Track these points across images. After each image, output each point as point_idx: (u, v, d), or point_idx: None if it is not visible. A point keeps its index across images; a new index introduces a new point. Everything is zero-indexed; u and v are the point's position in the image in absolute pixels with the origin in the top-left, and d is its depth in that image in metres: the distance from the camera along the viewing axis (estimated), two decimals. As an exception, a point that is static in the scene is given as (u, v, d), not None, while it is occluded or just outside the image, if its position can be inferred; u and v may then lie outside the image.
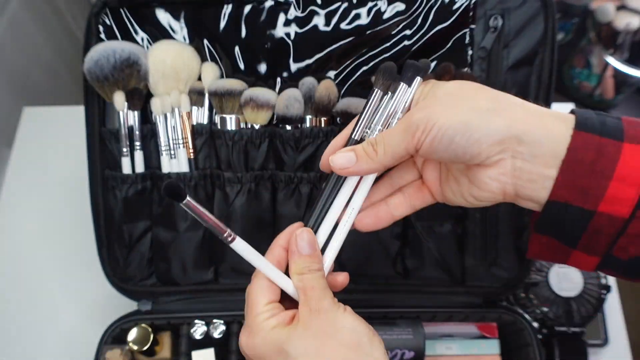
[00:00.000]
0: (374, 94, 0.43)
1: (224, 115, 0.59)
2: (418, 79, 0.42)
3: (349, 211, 0.44)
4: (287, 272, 0.44)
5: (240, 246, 0.43)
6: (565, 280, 0.72)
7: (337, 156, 0.41)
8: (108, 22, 0.59)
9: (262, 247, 0.61)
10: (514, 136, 0.37)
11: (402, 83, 0.42)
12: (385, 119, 0.42)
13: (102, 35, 0.59)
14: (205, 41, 0.60)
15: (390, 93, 0.43)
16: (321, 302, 0.41)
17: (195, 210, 0.40)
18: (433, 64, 0.59)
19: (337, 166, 0.41)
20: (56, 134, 0.92)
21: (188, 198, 0.39)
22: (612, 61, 1.35)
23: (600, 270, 0.40)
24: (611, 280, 0.75)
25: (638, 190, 0.35)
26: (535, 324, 0.71)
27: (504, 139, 0.37)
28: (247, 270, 0.64)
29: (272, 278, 0.43)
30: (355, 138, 0.43)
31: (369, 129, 0.43)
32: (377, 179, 0.45)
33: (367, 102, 0.43)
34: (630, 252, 0.37)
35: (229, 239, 0.42)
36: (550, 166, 0.37)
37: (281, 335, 0.40)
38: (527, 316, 0.64)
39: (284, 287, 0.43)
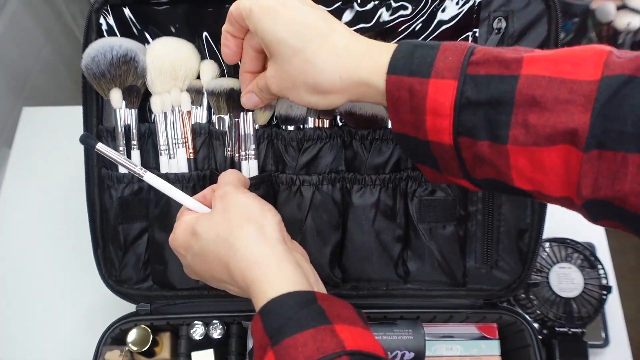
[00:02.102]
0: None
1: (223, 116, 0.59)
2: None
3: None
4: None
5: (152, 179, 0.51)
6: (566, 280, 0.72)
7: (245, 99, 0.53)
8: (108, 19, 0.58)
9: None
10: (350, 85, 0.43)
11: None
12: None
13: (103, 33, 0.58)
14: (206, 38, 0.59)
15: None
16: (225, 189, 0.49)
17: (108, 154, 0.50)
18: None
19: (248, 106, 0.53)
20: (55, 134, 0.91)
21: (99, 144, 0.50)
22: (613, 61, 1.34)
23: (485, 189, 0.44)
24: (612, 281, 0.75)
25: (450, 120, 0.39)
26: (536, 325, 0.71)
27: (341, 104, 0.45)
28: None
29: (183, 201, 0.51)
30: None
31: None
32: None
33: None
34: (478, 173, 0.40)
35: (142, 173, 0.50)
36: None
37: (193, 221, 0.48)
38: (527, 317, 0.64)
39: (194, 207, 0.51)
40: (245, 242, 0.45)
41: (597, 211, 0.37)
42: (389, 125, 0.58)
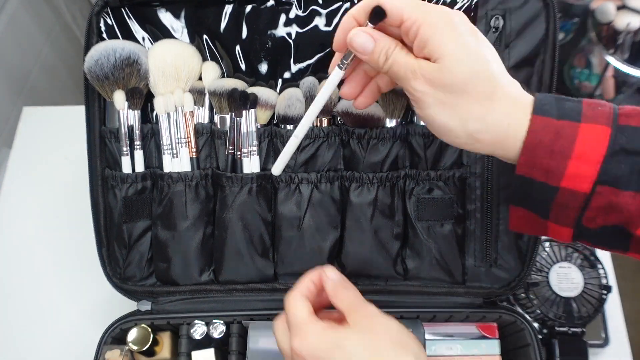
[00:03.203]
0: None
1: (224, 115, 0.59)
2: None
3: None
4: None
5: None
6: (566, 280, 0.72)
7: (361, 35, 0.41)
8: (109, 21, 0.59)
9: (261, 248, 0.61)
10: (511, 154, 0.41)
11: None
12: None
13: (104, 35, 0.59)
14: (206, 40, 0.60)
15: None
16: (368, 308, 0.46)
17: None
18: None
19: (354, 43, 0.42)
20: (56, 134, 0.91)
21: None
22: (613, 61, 1.35)
23: (578, 240, 0.42)
24: (612, 281, 0.75)
25: (597, 168, 0.38)
26: (536, 324, 0.71)
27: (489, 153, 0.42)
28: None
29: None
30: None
31: None
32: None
33: None
34: (598, 222, 0.40)
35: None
36: (513, 150, 0.40)
37: (337, 333, 0.44)
38: (527, 316, 0.64)
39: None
40: None
41: None
42: (387, 124, 0.58)
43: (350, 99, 0.47)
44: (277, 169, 0.50)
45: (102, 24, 0.59)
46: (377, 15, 0.41)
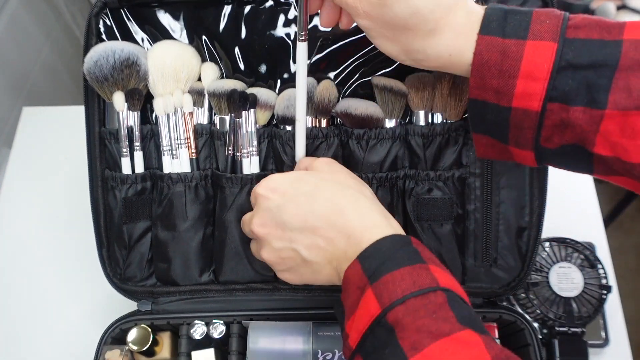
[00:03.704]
0: None
1: (223, 116, 0.59)
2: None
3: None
4: None
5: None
6: (566, 280, 0.72)
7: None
8: (108, 22, 0.59)
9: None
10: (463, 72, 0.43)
11: None
12: None
13: (103, 36, 0.59)
14: (205, 41, 0.60)
15: None
16: (327, 158, 0.56)
17: None
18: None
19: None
20: (55, 134, 0.91)
21: None
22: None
23: (543, 164, 0.43)
24: (612, 281, 0.75)
25: (544, 85, 0.38)
26: (536, 324, 0.71)
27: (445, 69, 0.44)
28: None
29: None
30: None
31: None
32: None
33: None
34: (555, 141, 0.40)
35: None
36: (465, 72, 0.41)
37: (300, 172, 0.52)
38: (527, 316, 0.64)
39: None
40: (364, 192, 0.50)
41: None
42: (386, 125, 0.58)
43: (332, 25, 0.49)
44: (298, 155, 0.57)
45: (101, 25, 0.59)
46: None
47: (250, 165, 0.59)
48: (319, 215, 0.46)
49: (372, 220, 0.46)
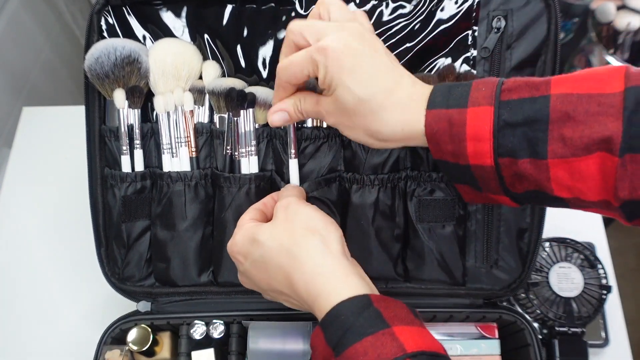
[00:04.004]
0: None
1: (223, 115, 0.59)
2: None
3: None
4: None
5: None
6: (566, 280, 0.72)
7: (272, 115, 0.51)
8: (110, 19, 0.59)
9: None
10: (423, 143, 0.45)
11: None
12: None
13: (105, 33, 0.59)
14: (207, 39, 0.60)
15: None
16: (288, 199, 0.52)
17: None
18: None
19: (277, 122, 0.51)
20: (55, 134, 0.91)
21: None
22: (613, 61, 1.35)
23: (521, 204, 0.46)
24: (612, 281, 0.75)
25: (490, 144, 0.41)
26: (536, 324, 0.71)
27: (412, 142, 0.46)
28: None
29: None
30: None
31: None
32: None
33: None
34: (519, 188, 0.43)
35: None
36: (423, 142, 0.45)
37: (256, 229, 0.50)
38: (527, 316, 0.64)
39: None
40: (310, 253, 0.47)
41: (633, 212, 0.39)
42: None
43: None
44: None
45: (102, 23, 0.58)
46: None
47: (249, 165, 0.59)
48: (278, 282, 0.48)
49: (325, 284, 0.45)
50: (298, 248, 0.47)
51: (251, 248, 0.49)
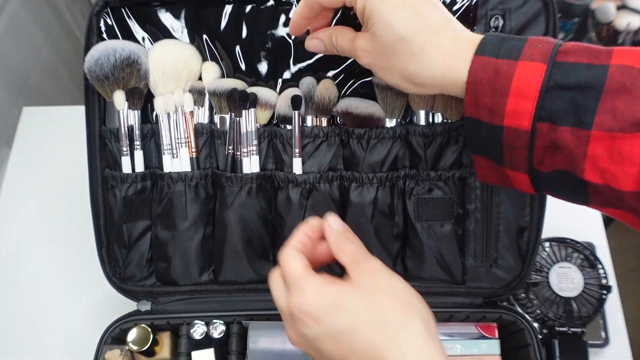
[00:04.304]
0: None
1: (224, 115, 0.59)
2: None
3: None
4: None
5: None
6: (566, 280, 0.72)
7: (312, 42, 0.51)
8: (109, 21, 0.59)
9: (261, 248, 0.61)
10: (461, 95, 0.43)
11: None
12: None
13: (104, 35, 0.59)
14: (206, 40, 0.60)
15: None
16: (372, 262, 0.44)
17: None
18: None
19: (312, 48, 0.51)
20: (55, 134, 0.91)
21: None
22: (613, 61, 1.35)
23: (539, 191, 0.43)
24: (612, 281, 0.75)
25: (533, 104, 0.39)
26: (536, 324, 0.71)
27: (447, 92, 0.44)
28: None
29: None
30: None
31: None
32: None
33: None
34: (547, 163, 0.40)
35: None
36: (461, 92, 0.43)
37: (338, 290, 0.41)
38: (527, 316, 0.64)
39: None
40: (412, 336, 0.40)
41: None
42: (386, 124, 0.58)
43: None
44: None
45: (102, 24, 0.59)
46: None
47: (251, 164, 0.59)
48: (359, 356, 0.40)
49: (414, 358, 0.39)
50: (398, 327, 0.40)
51: (333, 315, 0.40)
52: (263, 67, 0.60)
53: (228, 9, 0.58)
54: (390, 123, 0.58)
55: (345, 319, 0.40)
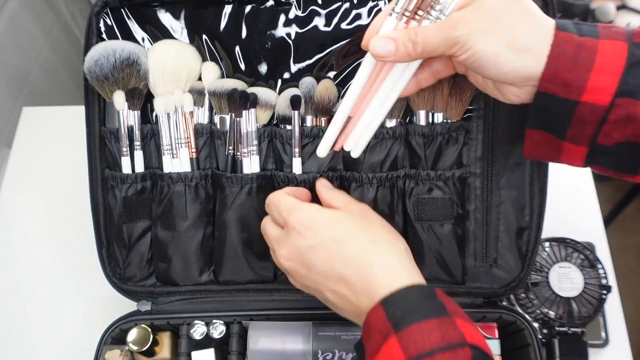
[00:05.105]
0: None
1: (224, 115, 0.59)
2: None
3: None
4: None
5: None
6: (566, 280, 0.72)
7: (378, 43, 0.44)
8: (109, 21, 0.59)
9: (261, 249, 0.61)
10: (537, 74, 0.42)
11: None
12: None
13: (104, 35, 0.59)
14: (206, 41, 0.60)
15: None
16: (360, 203, 0.53)
17: None
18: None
19: (376, 54, 0.44)
20: (55, 134, 0.91)
21: None
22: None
23: (590, 165, 0.44)
24: (612, 281, 0.75)
25: (617, 79, 0.39)
26: (536, 324, 0.71)
27: (529, 78, 0.42)
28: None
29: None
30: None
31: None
32: None
33: None
34: (614, 137, 0.41)
35: None
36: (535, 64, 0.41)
37: (332, 212, 0.50)
38: (527, 316, 0.64)
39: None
40: (397, 254, 0.47)
41: None
42: (386, 124, 0.58)
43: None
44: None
45: (101, 25, 0.59)
46: None
47: (251, 164, 0.59)
48: (347, 264, 0.46)
49: (399, 273, 0.46)
50: (385, 242, 0.48)
51: (331, 226, 0.48)
52: (263, 68, 0.60)
53: (228, 9, 0.58)
54: (390, 123, 0.58)
55: (342, 230, 0.48)
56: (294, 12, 0.58)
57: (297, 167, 0.59)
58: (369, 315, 0.44)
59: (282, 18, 0.58)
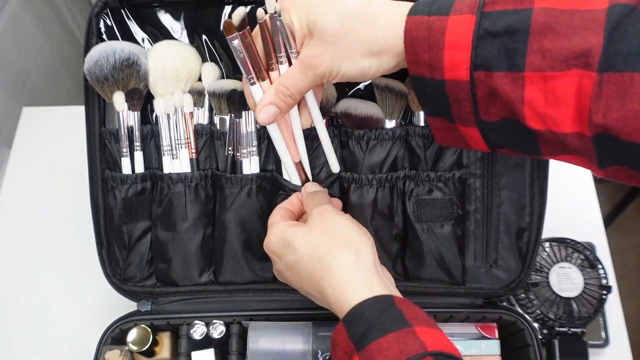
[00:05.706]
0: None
1: (224, 116, 0.59)
2: None
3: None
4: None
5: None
6: (566, 280, 0.72)
7: (262, 114, 0.49)
8: (109, 22, 0.59)
9: (261, 249, 0.61)
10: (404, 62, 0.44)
11: None
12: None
13: (104, 36, 0.59)
14: (206, 41, 0.60)
15: None
16: (324, 207, 0.52)
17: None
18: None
19: (267, 121, 0.49)
20: (55, 134, 0.91)
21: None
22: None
23: (494, 147, 0.44)
24: (612, 281, 0.75)
25: (467, 53, 0.40)
26: (536, 325, 0.71)
27: (400, 65, 0.45)
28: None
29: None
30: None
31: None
32: None
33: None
34: (492, 112, 0.42)
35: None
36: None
37: (290, 232, 0.51)
38: (527, 316, 0.64)
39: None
40: (342, 264, 0.47)
41: (605, 151, 0.38)
42: (386, 125, 0.58)
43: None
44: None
45: (101, 25, 0.59)
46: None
47: (250, 165, 0.59)
48: (309, 286, 0.50)
49: (353, 287, 0.46)
50: (331, 258, 0.48)
51: (286, 251, 0.50)
52: (263, 68, 0.60)
53: (228, 9, 0.58)
54: (390, 124, 0.58)
55: (291, 255, 0.50)
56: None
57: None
58: (334, 334, 0.45)
59: (282, 18, 0.58)
